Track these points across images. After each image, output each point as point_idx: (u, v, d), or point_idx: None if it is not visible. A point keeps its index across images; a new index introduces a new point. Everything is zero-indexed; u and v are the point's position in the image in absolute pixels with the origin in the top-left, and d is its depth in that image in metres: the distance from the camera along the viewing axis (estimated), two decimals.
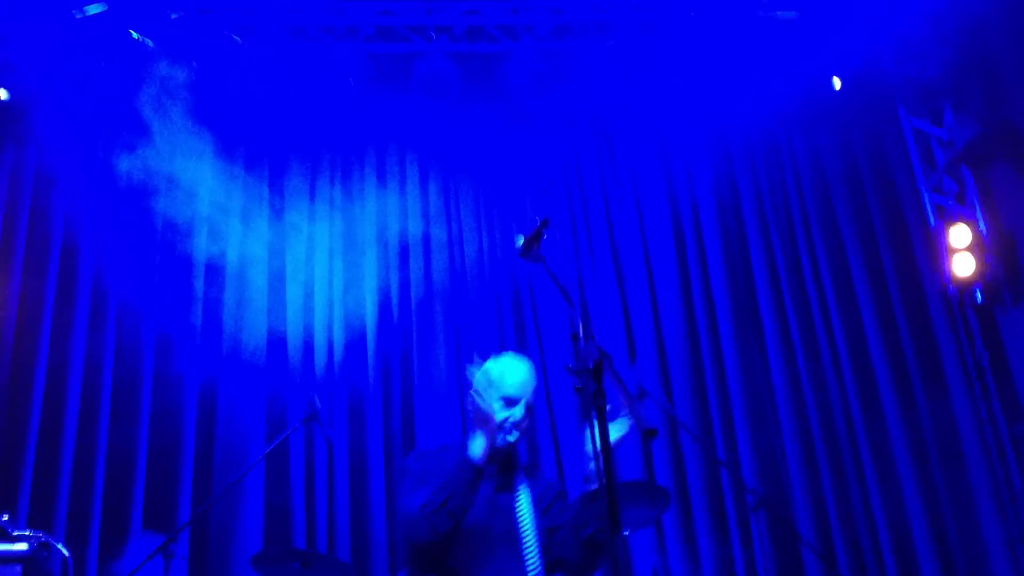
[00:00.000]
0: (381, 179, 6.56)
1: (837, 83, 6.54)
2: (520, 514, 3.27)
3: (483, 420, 3.16)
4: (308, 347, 6.10)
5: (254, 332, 6.04)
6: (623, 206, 6.71)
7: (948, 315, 6.37)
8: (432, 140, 6.62)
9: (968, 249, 6.34)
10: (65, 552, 4.07)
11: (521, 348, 6.09)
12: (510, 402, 3.34)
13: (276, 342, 6.06)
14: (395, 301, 6.27)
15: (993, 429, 6.07)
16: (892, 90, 6.74)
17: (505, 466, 3.36)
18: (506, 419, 3.32)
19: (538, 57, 6.43)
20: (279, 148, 6.50)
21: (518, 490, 3.32)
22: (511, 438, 3.32)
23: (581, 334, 2.64)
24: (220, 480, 5.70)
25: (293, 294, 6.20)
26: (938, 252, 6.40)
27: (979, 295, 6.39)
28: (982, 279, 6.34)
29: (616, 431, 3.12)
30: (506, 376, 3.37)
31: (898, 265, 6.50)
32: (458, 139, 6.59)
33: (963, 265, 6.32)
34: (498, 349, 3.62)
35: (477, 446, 3.14)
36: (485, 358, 3.45)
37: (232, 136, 6.32)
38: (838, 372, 6.28)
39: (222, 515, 5.66)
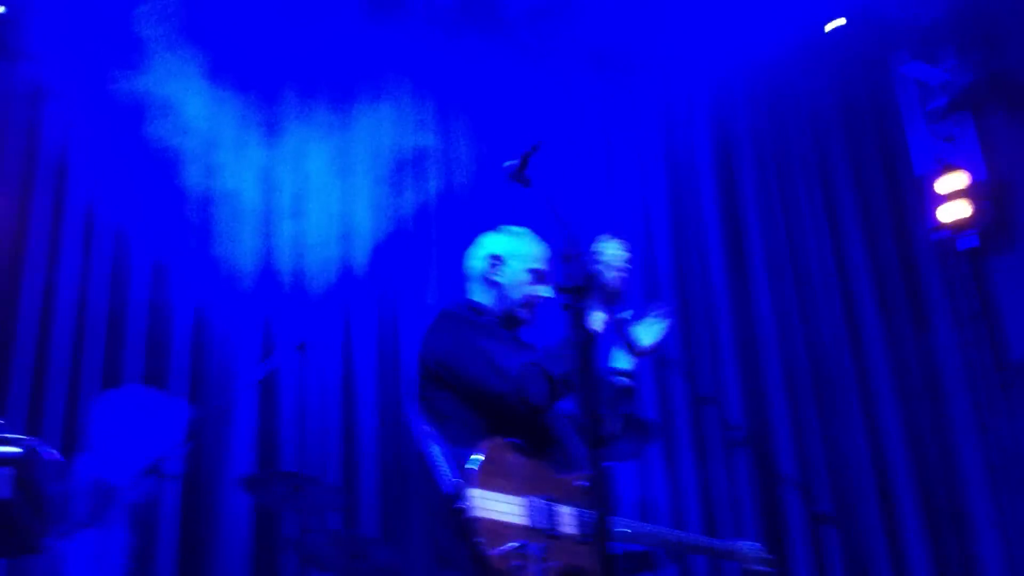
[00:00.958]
0: (376, 104, 6.46)
1: (836, 23, 6.51)
2: None
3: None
4: (300, 272, 6.09)
5: (246, 258, 6.03)
6: (622, 136, 6.67)
7: (939, 260, 6.39)
8: (429, 66, 6.54)
9: (961, 195, 6.35)
10: (58, 457, 4.07)
11: None
12: (538, 276, 3.16)
13: (268, 267, 6.06)
14: (388, 225, 6.24)
15: (983, 373, 6.11)
16: (891, 33, 6.70)
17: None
18: (536, 295, 3.14)
19: None
20: (274, 73, 6.41)
21: None
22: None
23: (571, 254, 2.63)
24: (213, 405, 5.71)
25: (286, 220, 6.17)
26: (931, 197, 6.41)
27: (970, 241, 6.42)
28: (973, 225, 6.36)
29: (649, 334, 3.13)
30: (532, 247, 3.18)
31: (891, 208, 6.51)
32: (455, 66, 6.51)
33: (955, 211, 6.33)
34: None
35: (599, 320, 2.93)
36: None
37: (226, 60, 6.21)
38: (829, 309, 6.31)
39: (215, 438, 5.69)
